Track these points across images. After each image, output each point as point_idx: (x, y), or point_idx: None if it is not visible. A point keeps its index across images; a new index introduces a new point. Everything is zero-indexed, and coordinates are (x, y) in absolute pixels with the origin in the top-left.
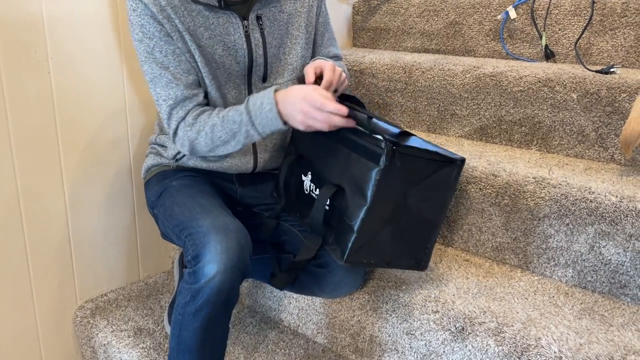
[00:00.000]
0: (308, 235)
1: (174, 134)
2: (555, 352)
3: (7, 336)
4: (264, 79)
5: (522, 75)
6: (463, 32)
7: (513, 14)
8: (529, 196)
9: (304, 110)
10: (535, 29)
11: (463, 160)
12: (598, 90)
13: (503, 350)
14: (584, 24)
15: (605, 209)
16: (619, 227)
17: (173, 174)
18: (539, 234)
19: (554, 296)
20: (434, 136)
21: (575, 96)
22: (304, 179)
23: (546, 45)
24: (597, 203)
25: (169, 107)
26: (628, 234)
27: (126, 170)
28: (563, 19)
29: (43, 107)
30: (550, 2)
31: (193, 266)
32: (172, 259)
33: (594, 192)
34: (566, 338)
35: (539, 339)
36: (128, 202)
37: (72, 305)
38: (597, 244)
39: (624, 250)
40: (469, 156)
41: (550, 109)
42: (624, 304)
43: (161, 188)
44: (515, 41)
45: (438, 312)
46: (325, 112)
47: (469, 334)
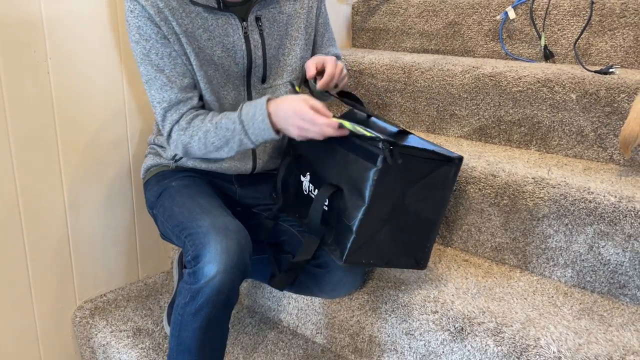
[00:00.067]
0: (306, 236)
1: (168, 136)
2: (554, 352)
3: (6, 336)
4: (263, 80)
5: (521, 76)
6: (462, 32)
7: (512, 14)
8: (528, 196)
9: (296, 124)
10: (534, 29)
11: (461, 158)
12: (597, 90)
13: (502, 350)
14: (583, 25)
15: (604, 209)
16: (617, 227)
17: (172, 175)
18: (538, 234)
19: (553, 296)
20: (433, 136)
21: (574, 96)
22: (303, 179)
23: (545, 46)
24: (596, 203)
25: (163, 110)
26: (627, 234)
27: (125, 171)
28: (562, 19)
29: (42, 107)
30: (549, 3)
31: (193, 266)
32: (172, 259)
33: (593, 193)
34: (565, 338)
35: (538, 339)
36: (127, 203)
37: (71, 305)
38: (596, 244)
39: (623, 250)
40: (468, 156)
41: (549, 109)
42: (623, 304)
43: (160, 188)
44: (514, 41)
45: (437, 312)
46: (317, 125)
47: (468, 334)
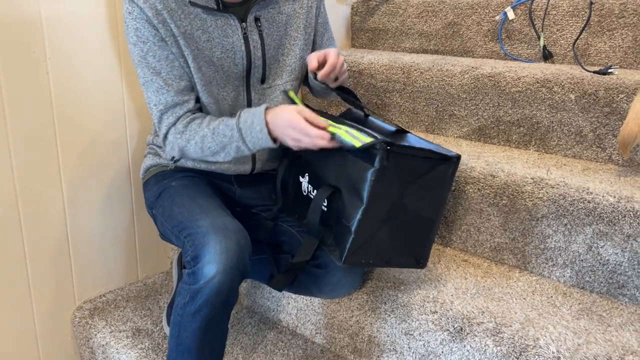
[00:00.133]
0: (305, 237)
1: (164, 138)
2: (553, 353)
3: (5, 337)
4: (262, 80)
5: (520, 76)
6: (461, 32)
7: (511, 14)
8: (527, 196)
9: (290, 135)
10: (533, 29)
11: (458, 157)
12: (596, 91)
13: (501, 350)
14: (582, 25)
15: (603, 210)
16: (616, 227)
17: (172, 175)
18: (537, 234)
19: (552, 296)
20: (432, 137)
21: (573, 97)
22: (302, 180)
23: (544, 46)
24: (595, 203)
25: (159, 112)
26: (626, 234)
27: (125, 171)
28: (561, 19)
29: (41, 108)
30: (548, 3)
31: (192, 267)
32: (171, 259)
33: (592, 193)
34: (564, 338)
35: (537, 339)
36: (127, 203)
37: (70, 305)
38: (595, 244)
39: (622, 250)
40: (467, 157)
41: (548, 109)
42: (622, 304)
43: (160, 188)
44: (513, 42)
45: (436, 312)
46: (310, 136)
47: (468, 334)
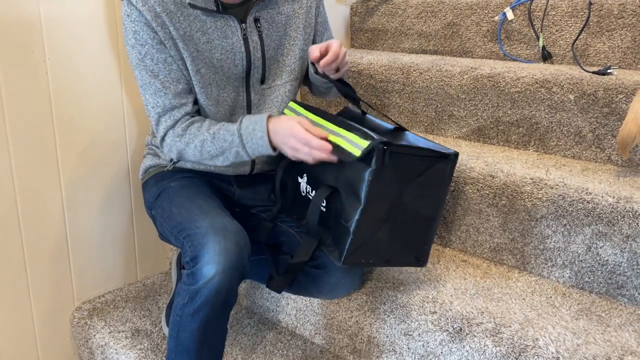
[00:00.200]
0: (304, 237)
1: (162, 140)
2: (552, 353)
3: (4, 337)
4: (262, 80)
5: (520, 77)
6: (461, 33)
7: (510, 15)
8: (527, 197)
9: (290, 144)
10: (532, 30)
11: (456, 154)
12: (595, 91)
13: (501, 351)
14: (581, 25)
15: (603, 210)
16: (616, 228)
17: (171, 175)
18: (536, 234)
19: (551, 297)
20: (431, 137)
21: (572, 97)
22: (300, 181)
23: (543, 47)
24: (594, 204)
25: (157, 115)
26: (625, 234)
27: (124, 171)
28: (560, 20)
29: (41, 108)
30: (547, 4)
31: (191, 267)
32: (170, 260)
33: (591, 193)
34: (563, 339)
35: (536, 339)
36: (126, 203)
37: (69, 306)
38: (594, 245)
39: (621, 251)
40: (466, 157)
41: (547, 110)
42: (621, 304)
43: (159, 189)
44: (512, 42)
45: (436, 312)
46: (311, 146)
47: (467, 334)
